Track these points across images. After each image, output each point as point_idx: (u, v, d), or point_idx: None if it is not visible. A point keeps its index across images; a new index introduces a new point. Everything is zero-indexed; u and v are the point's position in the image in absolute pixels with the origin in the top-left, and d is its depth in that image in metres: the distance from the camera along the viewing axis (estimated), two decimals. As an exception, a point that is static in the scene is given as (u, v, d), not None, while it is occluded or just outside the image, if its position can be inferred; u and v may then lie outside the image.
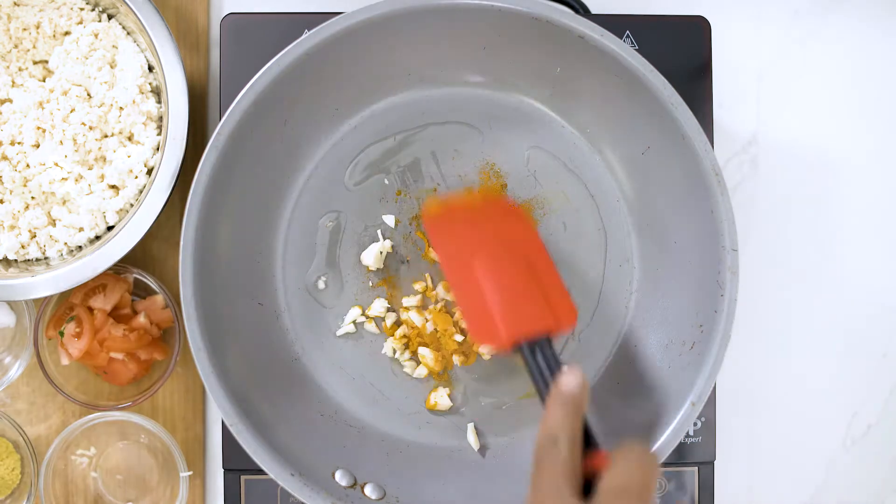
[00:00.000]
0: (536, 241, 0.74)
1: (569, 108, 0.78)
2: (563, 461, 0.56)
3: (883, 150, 0.89)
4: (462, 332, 0.78)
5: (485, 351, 0.79)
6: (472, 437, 0.78)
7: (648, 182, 0.77)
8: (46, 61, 0.79)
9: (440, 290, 0.78)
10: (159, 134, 0.78)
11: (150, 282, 0.81)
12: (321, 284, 0.79)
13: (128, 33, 0.79)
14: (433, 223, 0.75)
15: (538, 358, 0.65)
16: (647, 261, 0.78)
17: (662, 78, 0.70)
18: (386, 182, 0.79)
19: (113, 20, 0.80)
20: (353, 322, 0.79)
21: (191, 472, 0.83)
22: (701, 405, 0.70)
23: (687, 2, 0.87)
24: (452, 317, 0.78)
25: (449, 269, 0.72)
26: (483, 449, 0.78)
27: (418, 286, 0.79)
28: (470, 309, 0.69)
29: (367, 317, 0.79)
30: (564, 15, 0.70)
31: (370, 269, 0.79)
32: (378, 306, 0.79)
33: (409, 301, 0.79)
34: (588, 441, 0.59)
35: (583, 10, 0.82)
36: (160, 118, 0.78)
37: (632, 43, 0.81)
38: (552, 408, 0.59)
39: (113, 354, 0.80)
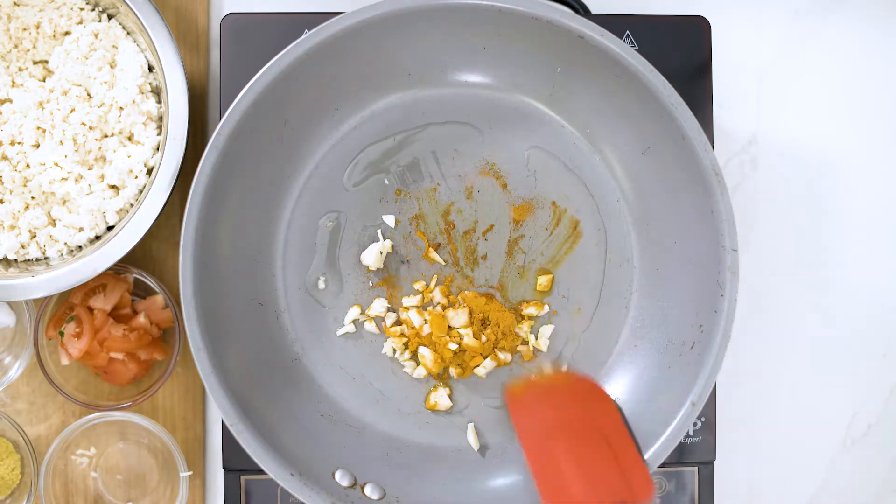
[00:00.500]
0: (614, 416, 0.74)
1: (569, 107, 0.78)
2: None
3: (883, 150, 0.89)
4: (458, 341, 0.78)
5: (481, 373, 0.79)
6: (472, 437, 0.78)
7: (648, 182, 0.77)
8: (46, 61, 0.79)
9: (437, 294, 0.78)
10: (159, 134, 0.78)
11: (150, 282, 0.81)
12: (321, 284, 0.79)
13: (128, 33, 0.79)
14: (515, 402, 0.76)
15: None
16: (647, 261, 0.78)
17: (662, 78, 0.70)
18: (386, 182, 0.79)
19: (113, 20, 0.80)
20: (353, 322, 0.79)
21: (191, 472, 0.83)
22: (701, 405, 0.70)
23: (687, 2, 0.87)
24: (449, 322, 0.78)
25: (526, 447, 0.72)
26: (483, 449, 0.78)
27: (418, 286, 0.79)
28: (548, 489, 0.70)
29: (367, 316, 0.79)
30: (564, 15, 0.70)
31: (370, 269, 0.79)
32: (378, 306, 0.79)
33: (408, 301, 0.79)
34: None
35: (583, 10, 0.83)
36: (160, 118, 0.78)
37: (632, 43, 0.81)
38: None
39: (113, 354, 0.80)
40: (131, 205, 0.77)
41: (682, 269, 0.75)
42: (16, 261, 0.78)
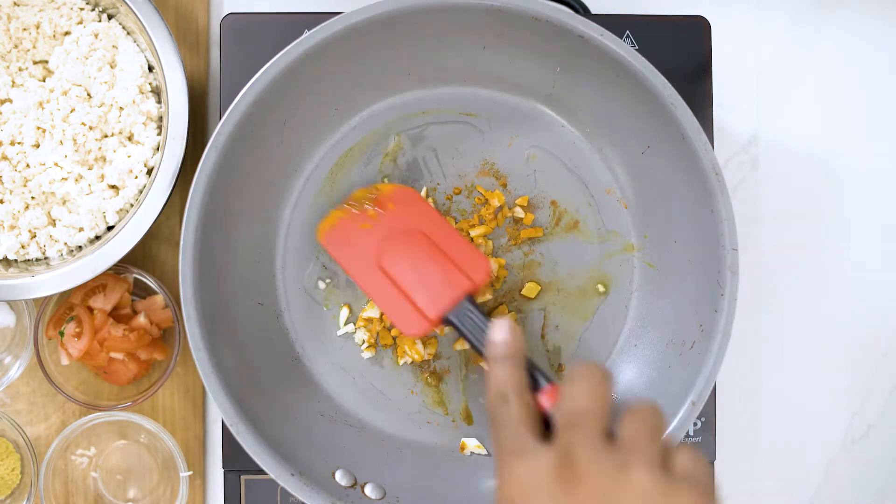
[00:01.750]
0: (429, 212, 0.74)
1: (569, 107, 0.78)
2: (516, 413, 0.56)
3: (883, 150, 0.89)
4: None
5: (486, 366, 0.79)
6: (472, 437, 0.78)
7: (648, 182, 0.77)
8: (46, 61, 0.79)
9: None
10: (159, 134, 0.78)
11: (150, 282, 0.81)
12: (321, 284, 0.79)
13: (128, 33, 0.79)
14: (329, 241, 0.75)
15: (467, 322, 0.67)
16: (647, 261, 0.78)
17: (662, 78, 0.70)
18: (386, 182, 0.79)
19: (113, 20, 0.80)
20: (353, 322, 0.79)
21: (191, 472, 0.83)
22: (701, 405, 0.70)
23: (687, 2, 0.87)
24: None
25: (359, 278, 0.73)
26: (483, 448, 0.78)
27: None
28: (391, 308, 0.70)
29: (361, 319, 0.79)
30: (564, 15, 0.70)
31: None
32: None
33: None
34: (537, 382, 0.59)
35: (583, 10, 0.83)
36: (160, 118, 0.78)
37: (632, 43, 0.81)
38: (492, 366, 0.59)
39: (113, 354, 0.80)
40: (131, 205, 0.77)
41: (682, 268, 0.75)
42: (16, 261, 0.78)
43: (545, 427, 0.57)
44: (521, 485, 0.52)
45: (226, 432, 0.80)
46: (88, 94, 0.78)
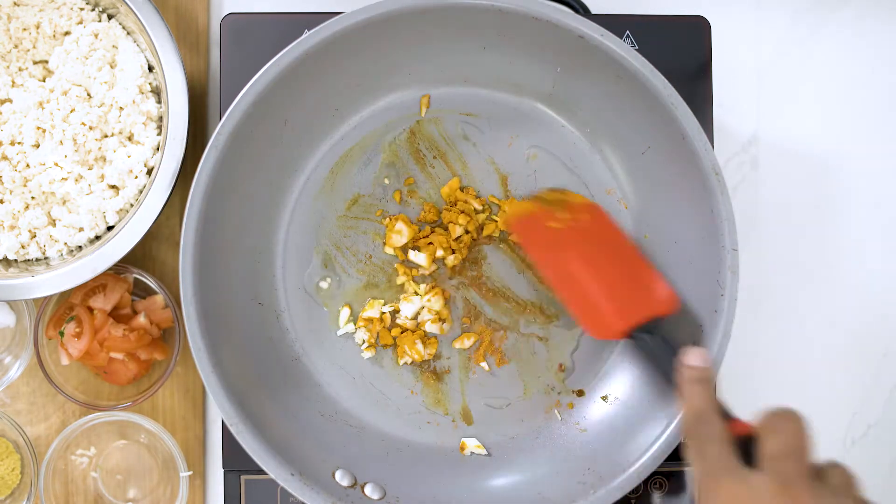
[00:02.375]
0: (620, 234, 0.76)
1: (569, 107, 0.78)
2: (719, 433, 0.59)
3: (883, 150, 0.89)
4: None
5: (486, 366, 0.79)
6: (472, 438, 0.78)
7: (648, 182, 0.77)
8: (46, 61, 0.79)
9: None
10: (159, 134, 0.78)
11: (150, 282, 0.81)
12: (322, 284, 0.79)
13: (128, 33, 0.79)
14: (520, 225, 0.76)
15: (651, 342, 0.68)
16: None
17: (662, 78, 0.70)
18: (386, 182, 0.79)
19: (113, 20, 0.80)
20: (353, 322, 0.79)
21: (191, 472, 0.83)
22: (701, 405, 0.70)
23: (687, 2, 0.87)
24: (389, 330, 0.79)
25: (546, 268, 0.74)
26: (483, 448, 0.78)
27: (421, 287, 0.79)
28: (578, 305, 0.72)
29: (362, 319, 0.79)
30: (564, 15, 0.70)
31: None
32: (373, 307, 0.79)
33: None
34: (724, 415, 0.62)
35: (583, 10, 0.82)
36: (160, 118, 0.78)
37: (632, 43, 0.81)
38: (689, 387, 0.63)
39: (113, 354, 0.80)
40: (131, 205, 0.77)
41: (683, 268, 0.75)
42: (16, 261, 0.78)
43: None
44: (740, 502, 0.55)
45: (226, 432, 0.80)
46: (88, 94, 0.78)
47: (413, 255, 0.78)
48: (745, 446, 0.58)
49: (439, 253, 0.78)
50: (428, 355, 0.78)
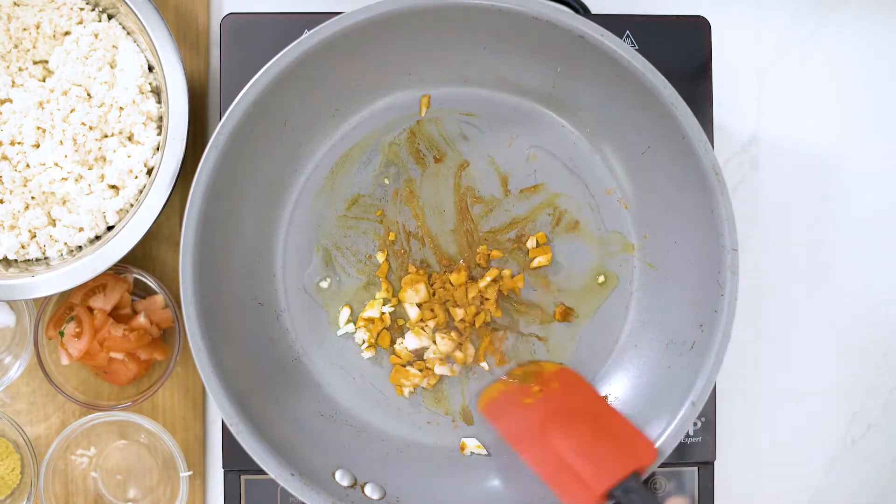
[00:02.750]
0: (592, 393, 0.76)
1: (569, 107, 0.78)
2: None
3: (883, 150, 0.89)
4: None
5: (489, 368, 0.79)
6: (472, 438, 0.78)
7: (649, 182, 0.77)
8: (46, 61, 0.79)
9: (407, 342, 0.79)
10: (159, 134, 0.78)
11: (150, 282, 0.81)
12: (322, 284, 0.79)
13: (128, 33, 0.79)
14: (491, 411, 0.76)
15: (633, 498, 0.68)
16: (647, 261, 0.78)
17: (662, 77, 0.70)
18: (386, 181, 0.79)
19: (113, 20, 0.80)
20: (353, 322, 0.79)
21: (191, 472, 0.83)
22: (701, 405, 0.70)
23: (687, 2, 0.87)
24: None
25: (522, 449, 0.73)
26: (483, 448, 0.78)
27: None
28: (555, 480, 0.71)
29: (362, 318, 0.79)
30: (565, 15, 0.70)
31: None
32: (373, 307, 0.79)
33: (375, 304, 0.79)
34: None
35: (583, 11, 0.82)
36: (160, 118, 0.78)
37: (632, 43, 0.81)
38: None
39: (113, 354, 0.80)
40: (131, 205, 0.77)
41: (683, 268, 0.75)
42: (16, 261, 0.78)
43: None
44: None
45: (226, 432, 0.80)
46: (88, 94, 0.78)
47: (409, 342, 0.79)
48: None
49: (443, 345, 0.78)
50: (428, 384, 0.79)
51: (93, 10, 0.79)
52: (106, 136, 0.77)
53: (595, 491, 0.68)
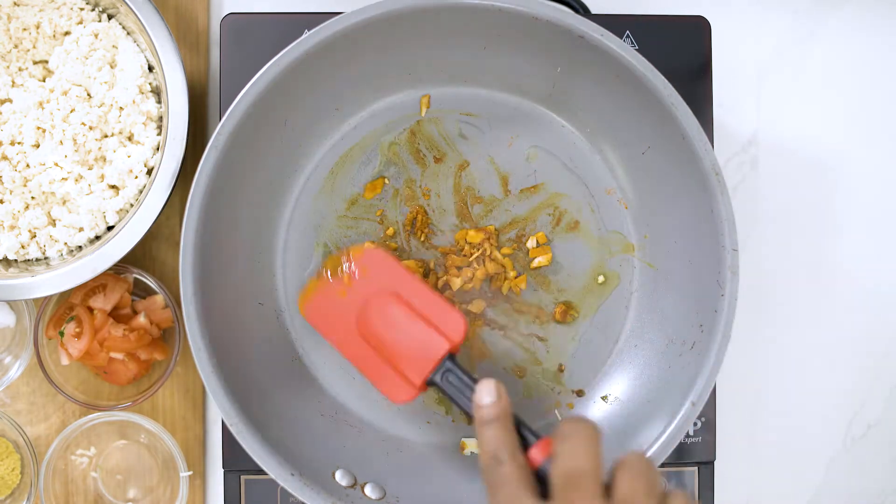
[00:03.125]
0: (401, 273, 0.74)
1: (569, 107, 0.78)
2: (512, 474, 0.58)
3: (883, 150, 0.89)
4: None
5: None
6: (472, 437, 0.78)
7: (649, 182, 0.77)
8: (46, 61, 0.79)
9: None
10: (159, 134, 0.78)
11: (150, 282, 0.81)
12: (322, 284, 0.79)
13: (128, 33, 0.79)
14: (310, 313, 0.75)
15: (451, 381, 0.68)
16: (647, 261, 0.78)
17: (662, 77, 0.70)
18: (386, 182, 0.79)
19: (113, 20, 0.80)
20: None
21: (191, 472, 0.83)
22: (701, 405, 0.70)
23: (687, 2, 0.87)
24: None
25: (343, 349, 0.73)
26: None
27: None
28: (377, 378, 0.71)
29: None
30: (564, 15, 0.70)
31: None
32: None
33: None
34: (526, 439, 0.61)
35: (583, 11, 0.82)
36: (160, 118, 0.78)
37: (632, 43, 0.81)
38: (481, 428, 0.61)
39: (113, 354, 0.80)
40: (131, 205, 0.77)
41: (683, 268, 0.75)
42: (16, 261, 0.78)
43: (541, 484, 0.58)
44: None
45: (226, 432, 0.80)
46: (88, 94, 0.78)
47: None
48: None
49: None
50: None
51: (93, 10, 0.79)
52: (106, 136, 0.77)
53: (413, 382, 0.69)
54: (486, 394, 0.63)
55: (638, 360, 0.77)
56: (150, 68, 0.79)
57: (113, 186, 0.78)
